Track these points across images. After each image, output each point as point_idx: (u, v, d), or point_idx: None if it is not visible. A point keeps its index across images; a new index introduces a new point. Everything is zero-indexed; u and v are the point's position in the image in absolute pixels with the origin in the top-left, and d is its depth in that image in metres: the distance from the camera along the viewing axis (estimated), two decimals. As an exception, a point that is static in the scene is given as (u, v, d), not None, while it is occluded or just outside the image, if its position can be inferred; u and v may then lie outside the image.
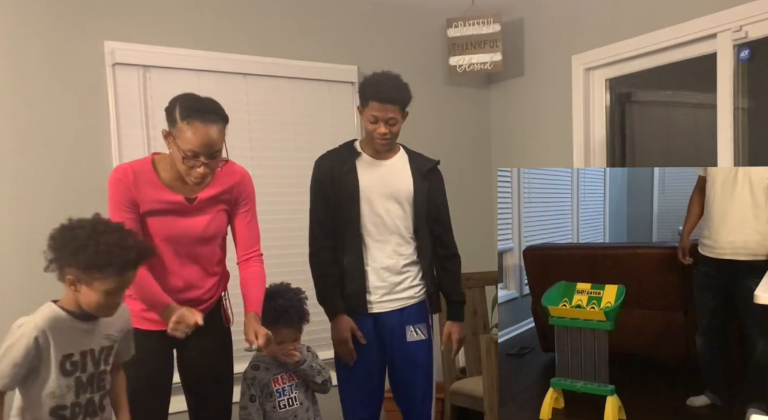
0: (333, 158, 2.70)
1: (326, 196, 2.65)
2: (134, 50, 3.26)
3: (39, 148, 3.08)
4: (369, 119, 2.59)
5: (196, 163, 2.15)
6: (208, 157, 2.16)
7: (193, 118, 2.13)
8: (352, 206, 2.61)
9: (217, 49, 3.47)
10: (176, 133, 2.15)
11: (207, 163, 2.16)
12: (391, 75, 2.62)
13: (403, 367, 2.72)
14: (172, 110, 2.17)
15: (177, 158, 2.17)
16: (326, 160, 2.71)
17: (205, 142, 2.13)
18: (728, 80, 3.08)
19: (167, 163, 2.27)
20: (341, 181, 2.62)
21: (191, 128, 2.12)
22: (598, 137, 3.78)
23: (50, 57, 3.10)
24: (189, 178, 2.20)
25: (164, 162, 2.29)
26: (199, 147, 2.13)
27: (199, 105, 2.18)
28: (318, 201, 2.68)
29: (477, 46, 3.99)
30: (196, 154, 2.14)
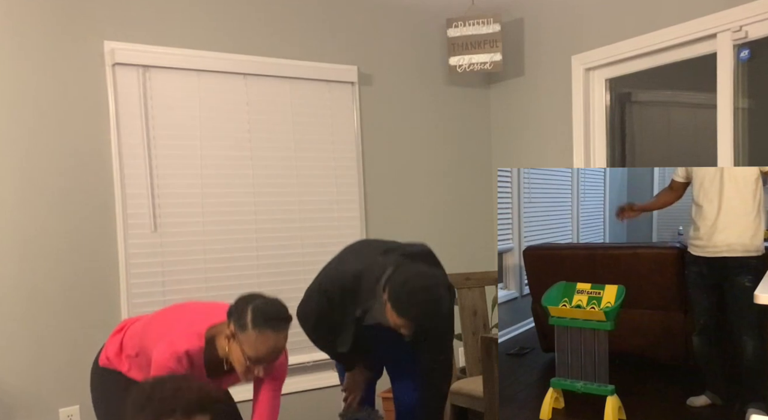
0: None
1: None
2: (134, 50, 3.26)
3: (39, 147, 3.08)
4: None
5: (257, 367, 2.09)
6: (271, 362, 2.11)
7: (265, 327, 2.05)
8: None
9: (217, 49, 3.47)
10: (244, 338, 2.05)
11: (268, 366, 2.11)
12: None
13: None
14: (242, 313, 2.07)
15: (237, 359, 2.09)
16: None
17: (273, 351, 2.07)
18: (728, 80, 3.08)
19: (222, 347, 2.16)
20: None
21: (262, 337, 2.04)
22: (598, 137, 3.78)
23: (50, 57, 3.10)
24: (243, 376, 2.13)
25: (221, 344, 2.16)
26: (267, 356, 2.07)
27: (272, 313, 2.10)
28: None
29: (477, 46, 3.99)
30: (260, 361, 2.08)
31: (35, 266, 3.08)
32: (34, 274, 3.08)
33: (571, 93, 3.79)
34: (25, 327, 3.05)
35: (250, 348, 2.05)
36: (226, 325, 2.12)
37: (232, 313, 2.10)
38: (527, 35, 4.07)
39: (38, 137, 3.08)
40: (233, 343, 2.08)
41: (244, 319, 2.06)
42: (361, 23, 3.93)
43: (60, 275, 3.11)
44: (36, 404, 3.08)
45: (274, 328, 2.06)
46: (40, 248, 3.09)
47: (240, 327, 2.06)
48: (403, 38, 4.05)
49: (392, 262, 2.35)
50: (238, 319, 2.08)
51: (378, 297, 2.35)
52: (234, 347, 2.08)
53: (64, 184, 3.14)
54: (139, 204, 3.29)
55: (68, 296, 3.12)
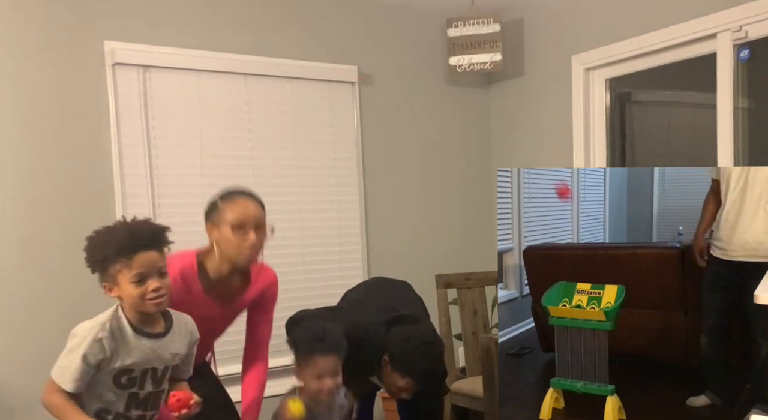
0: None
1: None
2: (134, 50, 3.26)
3: (39, 147, 3.08)
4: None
5: (248, 235, 2.15)
6: (256, 226, 2.17)
7: (231, 197, 2.21)
8: None
9: (217, 49, 3.47)
10: (220, 217, 2.18)
11: (256, 234, 2.17)
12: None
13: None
14: (211, 206, 2.23)
15: (226, 238, 2.16)
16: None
17: (250, 213, 2.18)
18: (728, 80, 3.08)
19: (211, 263, 2.23)
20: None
21: (233, 204, 2.18)
22: (598, 137, 3.78)
23: (50, 57, 3.10)
24: (243, 256, 2.18)
25: (211, 261, 2.24)
26: (247, 217, 2.16)
27: (235, 188, 2.26)
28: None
29: (477, 46, 3.99)
30: (244, 225, 2.15)
31: (35, 266, 3.08)
32: (35, 274, 3.08)
33: (571, 93, 3.79)
34: (25, 327, 3.05)
35: (230, 216, 2.15)
36: (210, 240, 2.23)
37: (206, 215, 2.23)
38: (527, 35, 4.07)
39: (38, 137, 3.08)
40: (216, 230, 2.18)
41: (213, 204, 2.21)
42: (361, 23, 3.93)
43: (60, 275, 3.11)
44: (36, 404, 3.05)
45: (242, 196, 2.22)
46: (40, 248, 3.09)
47: (212, 213, 2.20)
48: (403, 38, 4.06)
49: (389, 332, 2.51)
50: (209, 212, 2.22)
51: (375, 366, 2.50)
52: (219, 232, 2.17)
53: (64, 184, 3.14)
54: (139, 204, 3.28)
55: (68, 296, 3.12)
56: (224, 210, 2.17)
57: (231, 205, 2.17)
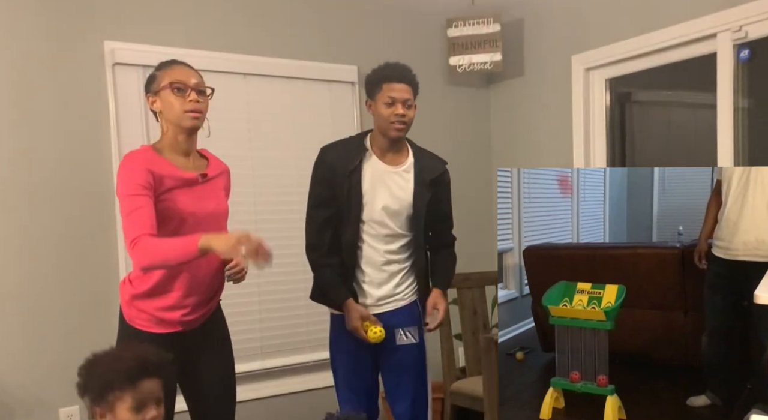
0: (340, 152, 2.64)
1: (325, 189, 2.60)
2: (134, 50, 3.26)
3: (39, 147, 3.08)
4: (385, 102, 2.55)
5: (189, 96, 2.22)
6: (196, 90, 2.23)
7: (167, 64, 2.27)
8: (351, 206, 2.58)
9: (217, 49, 3.47)
10: (157, 85, 2.23)
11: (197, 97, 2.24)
12: (399, 63, 2.64)
13: (394, 372, 2.67)
14: (148, 80, 2.28)
15: (168, 105, 2.21)
16: (332, 153, 2.65)
17: (184, 73, 2.24)
18: (728, 80, 3.08)
19: (166, 143, 2.29)
20: (343, 181, 2.57)
21: (169, 70, 2.24)
22: (598, 137, 3.78)
23: (50, 57, 3.10)
24: (186, 117, 2.23)
25: (163, 143, 2.30)
26: (182, 76, 2.22)
27: (169, 60, 2.31)
28: (316, 192, 2.64)
29: (477, 46, 3.99)
30: (182, 86, 2.21)
31: (35, 266, 3.08)
32: (34, 274, 3.08)
33: (571, 93, 3.79)
34: (25, 327, 3.05)
35: (168, 79, 2.21)
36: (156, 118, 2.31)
37: (145, 88, 2.27)
38: (527, 35, 4.07)
39: (38, 137, 3.08)
40: (158, 100, 2.23)
41: (152, 76, 2.26)
42: (361, 23, 3.93)
43: (60, 275, 3.11)
44: (36, 404, 3.08)
45: (178, 63, 2.27)
46: (39, 248, 3.09)
47: (151, 84, 2.25)
48: (403, 38, 4.05)
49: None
50: (148, 85, 2.26)
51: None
52: (161, 100, 2.23)
53: (64, 184, 3.13)
54: (139, 204, 3.28)
55: (68, 296, 3.12)
56: (162, 76, 2.24)
57: (168, 71, 2.24)
